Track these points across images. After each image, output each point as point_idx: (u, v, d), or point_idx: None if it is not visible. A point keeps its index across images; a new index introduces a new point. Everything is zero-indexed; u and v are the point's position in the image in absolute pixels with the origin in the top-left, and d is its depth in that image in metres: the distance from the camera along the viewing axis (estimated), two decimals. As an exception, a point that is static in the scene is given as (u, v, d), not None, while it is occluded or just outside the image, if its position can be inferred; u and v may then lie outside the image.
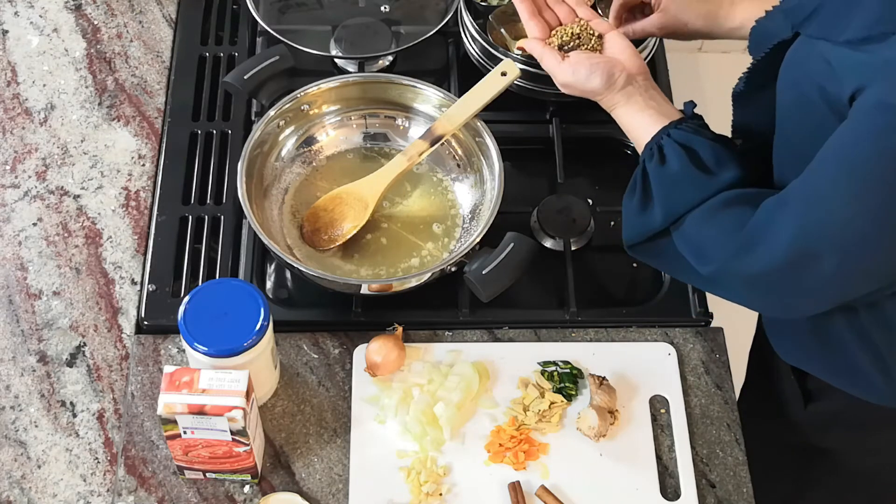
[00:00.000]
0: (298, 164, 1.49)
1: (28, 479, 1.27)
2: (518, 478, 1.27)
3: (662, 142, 1.19)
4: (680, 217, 1.16)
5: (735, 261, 1.10)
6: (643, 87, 1.25)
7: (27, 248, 1.44)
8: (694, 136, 1.18)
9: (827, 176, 1.01)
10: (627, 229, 1.24)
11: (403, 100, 1.50)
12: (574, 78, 1.27)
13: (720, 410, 1.34)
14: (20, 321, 1.38)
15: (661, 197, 1.17)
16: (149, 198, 1.49)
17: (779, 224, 1.05)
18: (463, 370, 1.33)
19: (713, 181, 1.15)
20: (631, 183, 1.23)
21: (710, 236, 1.13)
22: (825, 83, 1.02)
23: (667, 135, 1.19)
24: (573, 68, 1.26)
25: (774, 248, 1.05)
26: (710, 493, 1.28)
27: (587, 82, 1.26)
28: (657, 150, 1.19)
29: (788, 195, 1.06)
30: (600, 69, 1.25)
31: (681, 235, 1.17)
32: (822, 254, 1.03)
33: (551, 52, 1.29)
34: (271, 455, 1.29)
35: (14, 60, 1.62)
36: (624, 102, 1.25)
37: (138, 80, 1.61)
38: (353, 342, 1.37)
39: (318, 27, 1.67)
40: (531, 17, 1.32)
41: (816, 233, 1.02)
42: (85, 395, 1.33)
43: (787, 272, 1.06)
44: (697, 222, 1.14)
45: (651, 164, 1.19)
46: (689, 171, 1.16)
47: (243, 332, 1.21)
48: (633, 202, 1.21)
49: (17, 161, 1.52)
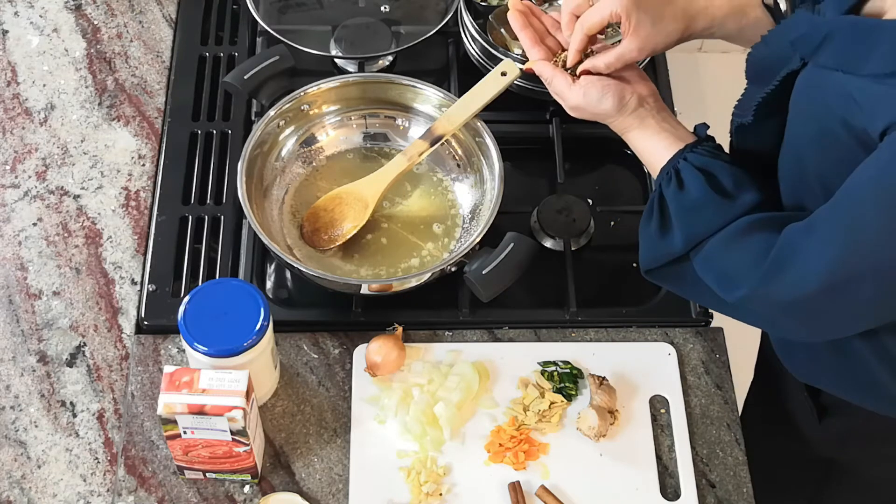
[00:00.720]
0: (298, 164, 1.49)
1: (28, 479, 1.27)
2: (518, 478, 1.27)
3: (679, 166, 1.17)
4: (701, 242, 1.14)
5: (763, 287, 1.08)
6: (655, 108, 1.23)
7: (27, 248, 1.44)
8: (711, 159, 1.16)
9: (862, 202, 0.99)
10: (645, 255, 1.21)
11: (403, 100, 1.50)
12: (585, 101, 1.23)
13: (720, 410, 1.34)
14: (20, 321, 1.38)
15: (682, 222, 1.15)
16: (149, 198, 1.49)
17: (811, 250, 1.03)
18: (463, 370, 1.33)
19: (734, 205, 1.13)
20: (647, 208, 1.20)
21: (734, 262, 1.11)
22: (849, 117, 1.00)
23: (683, 159, 1.17)
24: (584, 90, 1.23)
25: (807, 274, 1.03)
26: (710, 493, 1.28)
27: (599, 105, 1.23)
28: (675, 175, 1.17)
29: (817, 221, 1.04)
30: (612, 91, 1.22)
31: (703, 261, 1.14)
32: (858, 280, 1.01)
33: (562, 74, 1.25)
34: (271, 455, 1.29)
35: (14, 60, 1.62)
36: (637, 126, 1.23)
37: (138, 80, 1.61)
38: (353, 342, 1.37)
39: (318, 27, 1.67)
40: (534, 44, 1.28)
41: (853, 259, 1.00)
42: (85, 395, 1.33)
43: (821, 299, 1.04)
44: (720, 247, 1.12)
45: (669, 190, 1.17)
46: (710, 195, 1.14)
47: (243, 332, 1.21)
48: (651, 227, 1.19)
49: (17, 161, 1.52)
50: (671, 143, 1.20)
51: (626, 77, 1.24)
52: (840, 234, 1.01)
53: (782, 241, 1.06)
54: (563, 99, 1.25)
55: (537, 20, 1.30)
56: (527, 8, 1.29)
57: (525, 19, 1.28)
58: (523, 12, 1.29)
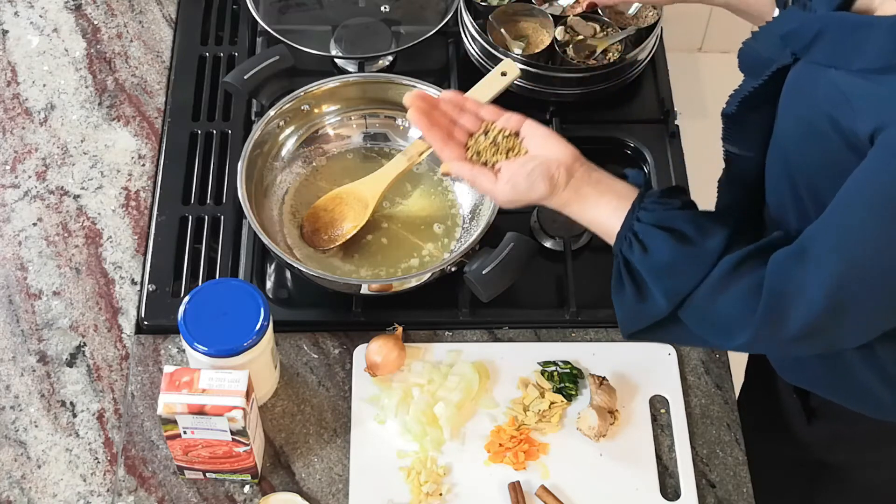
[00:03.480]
0: (298, 164, 1.49)
1: (28, 479, 1.27)
2: (518, 478, 1.27)
3: (636, 228, 1.11)
4: (686, 298, 1.09)
5: (765, 328, 1.04)
6: (585, 173, 1.15)
7: (27, 248, 1.44)
8: (665, 211, 1.11)
9: (856, 220, 0.97)
10: (627, 321, 1.16)
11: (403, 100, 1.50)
12: (516, 193, 1.15)
13: (720, 410, 1.34)
14: (20, 321, 1.38)
15: (659, 284, 1.10)
16: (149, 198, 1.49)
17: (807, 279, 1.00)
18: (463, 370, 1.33)
19: (706, 252, 1.08)
20: (615, 277, 1.14)
21: (727, 309, 1.07)
22: (837, 114, 0.99)
23: (637, 220, 1.11)
24: (511, 184, 1.15)
25: (809, 303, 1.01)
26: (710, 493, 1.28)
27: (530, 192, 1.14)
28: (634, 239, 1.11)
29: (809, 245, 1.01)
30: (538, 174, 1.14)
31: (693, 315, 1.10)
32: (862, 298, 0.99)
33: (482, 171, 1.17)
34: (271, 455, 1.29)
35: (14, 60, 1.62)
36: (575, 199, 1.15)
37: (138, 80, 1.61)
38: (353, 342, 1.37)
39: (318, 27, 1.67)
40: (444, 144, 1.19)
41: (852, 277, 0.99)
42: (85, 395, 1.33)
43: (828, 321, 1.02)
44: (708, 298, 1.07)
45: (633, 255, 1.11)
46: (678, 250, 1.08)
47: (243, 332, 1.21)
48: (626, 295, 1.13)
49: (17, 161, 1.52)
50: (616, 205, 1.13)
51: (546, 150, 1.16)
52: (835, 254, 0.99)
53: (773, 275, 1.03)
54: (493, 196, 1.18)
55: (438, 111, 1.21)
56: (424, 102, 1.19)
57: (428, 119, 1.19)
58: (424, 110, 1.19)
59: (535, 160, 1.15)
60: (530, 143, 1.18)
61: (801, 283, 1.01)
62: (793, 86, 1.07)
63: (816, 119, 1.02)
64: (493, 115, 1.21)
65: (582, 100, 1.58)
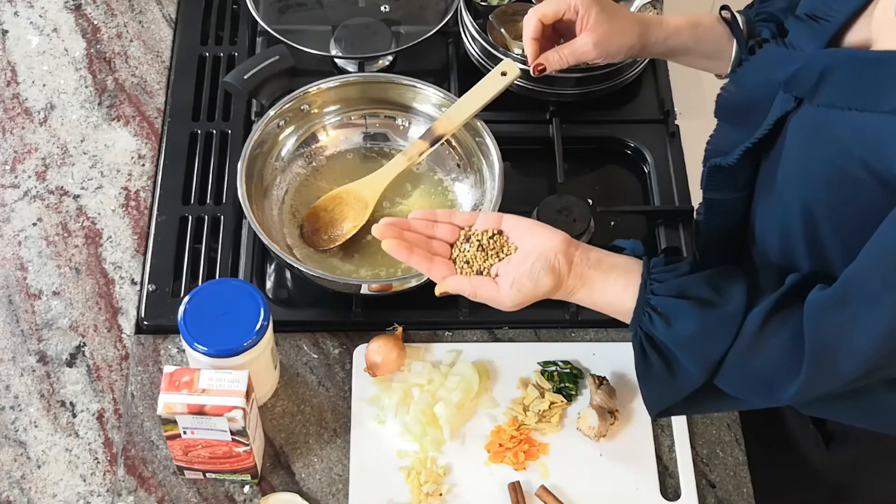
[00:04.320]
0: (298, 164, 1.49)
1: (28, 479, 1.27)
2: (518, 478, 1.27)
3: (654, 303, 1.08)
4: (720, 364, 1.06)
5: (818, 377, 1.01)
6: (583, 255, 1.12)
7: (27, 248, 1.44)
8: (676, 279, 1.08)
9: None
10: (657, 399, 1.13)
11: (403, 100, 1.50)
12: (522, 295, 1.11)
13: (720, 410, 1.34)
14: (20, 321, 1.38)
15: (690, 355, 1.07)
16: (149, 198, 1.49)
17: (858, 322, 0.96)
18: (463, 370, 1.33)
19: (730, 313, 1.04)
20: (638, 356, 1.11)
21: (769, 364, 1.03)
22: (869, 158, 0.95)
23: (652, 293, 1.08)
24: (516, 288, 1.10)
25: (862, 349, 0.97)
26: (710, 493, 1.28)
27: (537, 290, 1.10)
28: (654, 314, 1.07)
29: (851, 289, 0.97)
30: (540, 268, 1.10)
31: (730, 378, 1.07)
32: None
33: (481, 281, 1.12)
34: (271, 455, 1.29)
35: (14, 60, 1.62)
36: (580, 284, 1.11)
37: (138, 80, 1.61)
38: (353, 342, 1.37)
39: (318, 27, 1.67)
40: (430, 265, 1.14)
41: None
42: (85, 395, 1.33)
43: (883, 362, 0.99)
44: (743, 359, 1.04)
45: (657, 330, 1.07)
46: (703, 316, 1.05)
47: (243, 332, 1.21)
48: (655, 372, 1.10)
49: (16, 161, 1.52)
50: (624, 283, 1.10)
51: (536, 240, 1.13)
52: (885, 296, 0.94)
53: (814, 323, 1.00)
54: (500, 304, 1.12)
55: (411, 233, 1.15)
56: (395, 228, 1.14)
57: (407, 246, 1.13)
58: (397, 236, 1.13)
59: (531, 256, 1.11)
60: (517, 238, 1.14)
61: (849, 330, 0.97)
62: (805, 131, 1.03)
63: (844, 162, 0.97)
64: (467, 220, 1.16)
65: (582, 100, 1.58)
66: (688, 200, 1.51)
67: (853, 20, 1.04)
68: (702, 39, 1.29)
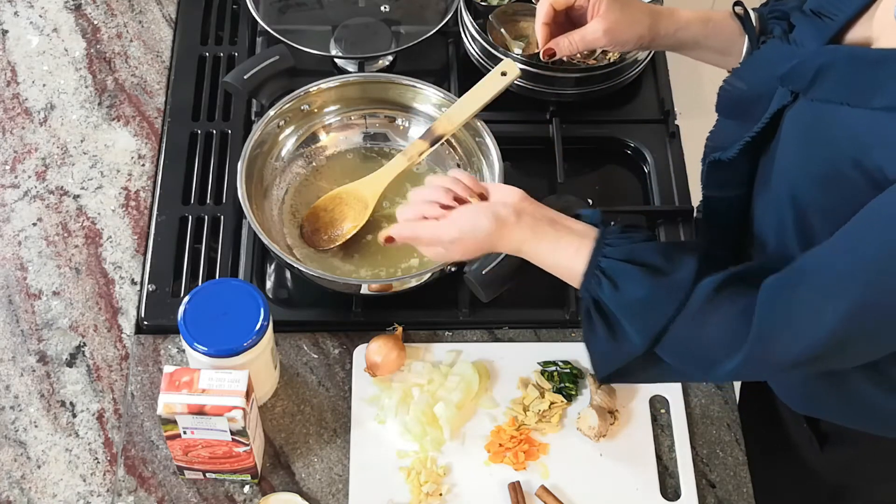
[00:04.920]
0: (298, 164, 1.49)
1: (28, 479, 1.27)
2: (518, 478, 1.27)
3: (603, 265, 1.07)
4: (662, 332, 1.05)
5: (759, 353, 1.00)
6: (536, 210, 1.13)
7: (27, 248, 1.44)
8: (630, 244, 1.08)
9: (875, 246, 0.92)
10: (601, 363, 1.13)
11: (403, 100, 1.50)
12: (459, 231, 1.12)
13: (720, 410, 1.34)
14: (20, 321, 1.38)
15: (633, 321, 1.06)
16: (149, 198, 1.49)
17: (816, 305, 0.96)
18: (463, 370, 1.33)
19: (678, 281, 1.04)
20: (585, 319, 1.11)
21: (711, 337, 1.03)
22: (860, 155, 0.95)
23: (603, 256, 1.08)
24: (452, 220, 1.13)
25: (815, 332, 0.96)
26: (710, 493, 1.28)
27: (477, 229, 1.11)
28: (602, 276, 1.07)
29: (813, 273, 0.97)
30: (481, 213, 1.12)
31: (672, 348, 1.07)
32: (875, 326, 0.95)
33: (427, 223, 1.15)
34: (271, 455, 1.29)
35: (14, 60, 1.62)
36: (531, 237, 1.11)
37: (138, 80, 1.61)
38: (353, 342, 1.37)
39: (318, 27, 1.67)
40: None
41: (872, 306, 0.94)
42: (85, 395, 1.33)
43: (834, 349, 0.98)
44: (687, 328, 1.04)
45: (604, 293, 1.07)
46: (651, 282, 1.05)
47: (243, 332, 1.21)
48: (599, 335, 1.10)
49: (17, 161, 1.52)
50: (578, 245, 1.10)
51: (494, 194, 1.16)
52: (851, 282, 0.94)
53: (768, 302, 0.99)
54: (440, 239, 1.14)
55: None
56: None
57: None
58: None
59: (481, 205, 1.14)
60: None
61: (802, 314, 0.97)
62: (799, 125, 1.03)
63: (837, 160, 0.97)
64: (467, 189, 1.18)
65: (582, 100, 1.58)
66: (688, 200, 1.51)
67: (856, 19, 1.04)
68: (712, 34, 1.30)
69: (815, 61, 1.00)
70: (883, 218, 0.92)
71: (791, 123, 1.04)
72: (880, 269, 0.92)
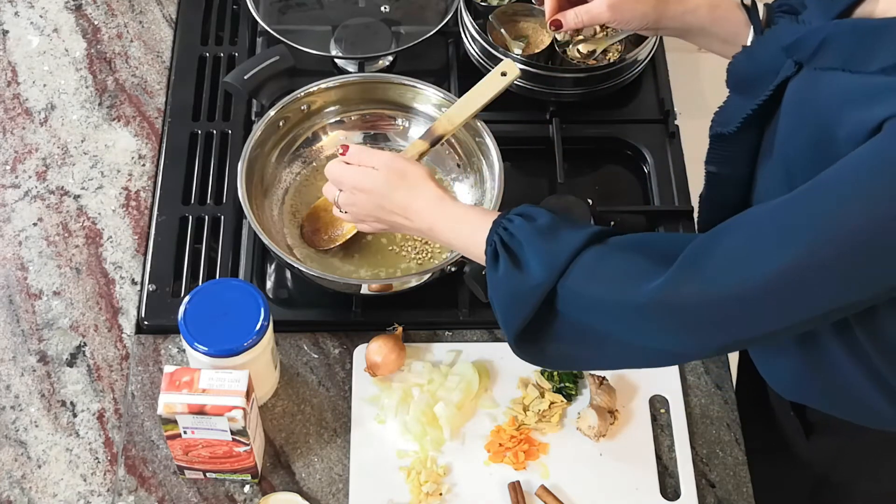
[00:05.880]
0: (298, 164, 1.49)
1: (28, 479, 1.27)
2: (518, 478, 1.27)
3: (514, 211, 1.11)
4: (566, 267, 1.05)
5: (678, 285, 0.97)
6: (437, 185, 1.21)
7: (27, 248, 1.44)
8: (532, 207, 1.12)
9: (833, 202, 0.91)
10: (504, 306, 1.10)
11: (403, 100, 1.50)
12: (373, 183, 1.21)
13: (720, 410, 1.34)
14: (20, 321, 1.38)
15: (536, 249, 1.06)
16: (149, 198, 1.49)
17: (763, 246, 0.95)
18: (463, 370, 1.33)
19: (588, 227, 1.07)
20: (488, 261, 1.11)
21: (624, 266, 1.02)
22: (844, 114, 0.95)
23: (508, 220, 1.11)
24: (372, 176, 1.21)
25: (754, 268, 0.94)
26: (710, 493, 1.28)
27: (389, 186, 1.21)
28: (516, 216, 1.10)
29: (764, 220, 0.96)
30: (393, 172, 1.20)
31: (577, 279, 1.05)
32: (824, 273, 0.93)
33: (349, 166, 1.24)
34: (271, 455, 1.29)
35: (14, 60, 1.62)
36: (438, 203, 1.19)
37: (138, 80, 1.61)
38: (353, 342, 1.37)
39: (318, 27, 1.67)
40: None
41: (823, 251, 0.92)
42: (85, 395, 1.33)
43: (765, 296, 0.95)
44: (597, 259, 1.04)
45: (514, 224, 1.09)
46: (561, 220, 1.08)
47: (243, 332, 1.21)
48: (500, 270, 1.09)
49: (17, 161, 1.52)
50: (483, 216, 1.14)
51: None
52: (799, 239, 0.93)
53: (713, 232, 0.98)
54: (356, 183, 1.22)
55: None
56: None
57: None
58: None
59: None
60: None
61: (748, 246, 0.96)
62: (796, 97, 1.04)
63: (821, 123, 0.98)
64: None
65: (582, 100, 1.58)
66: (688, 200, 1.51)
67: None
68: (718, 21, 1.30)
69: (821, 33, 1.01)
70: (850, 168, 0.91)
71: (792, 93, 1.05)
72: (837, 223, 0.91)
